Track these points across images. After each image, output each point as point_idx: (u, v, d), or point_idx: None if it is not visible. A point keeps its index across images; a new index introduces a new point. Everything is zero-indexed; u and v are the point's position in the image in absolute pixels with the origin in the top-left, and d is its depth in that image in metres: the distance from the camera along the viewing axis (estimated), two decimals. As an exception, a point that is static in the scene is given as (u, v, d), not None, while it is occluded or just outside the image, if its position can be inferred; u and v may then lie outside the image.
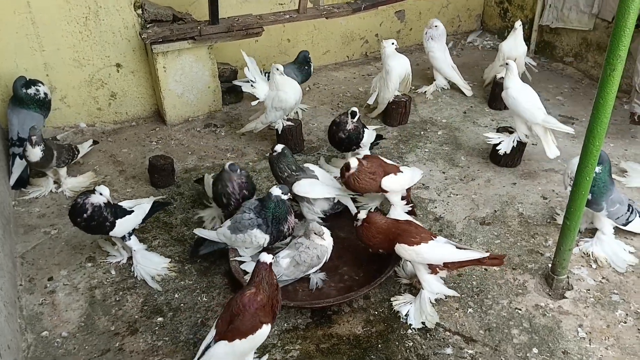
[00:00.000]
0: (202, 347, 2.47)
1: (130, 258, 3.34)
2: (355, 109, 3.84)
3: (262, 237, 3.11)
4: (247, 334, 2.39)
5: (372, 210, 3.55)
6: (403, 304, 3.00)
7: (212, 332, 2.47)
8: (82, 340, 2.88)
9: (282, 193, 3.10)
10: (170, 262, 3.33)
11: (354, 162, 3.25)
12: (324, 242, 3.06)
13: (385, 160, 3.46)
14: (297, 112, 4.86)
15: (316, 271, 3.10)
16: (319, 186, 3.44)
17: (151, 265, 3.28)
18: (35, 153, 3.64)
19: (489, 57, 5.70)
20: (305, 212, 3.49)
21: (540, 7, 5.84)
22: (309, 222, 3.27)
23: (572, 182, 3.27)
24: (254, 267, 2.55)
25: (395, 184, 3.35)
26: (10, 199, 3.84)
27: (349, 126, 3.83)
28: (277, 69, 4.13)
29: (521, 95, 4.02)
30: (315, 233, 3.03)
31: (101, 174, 4.17)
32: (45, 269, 3.33)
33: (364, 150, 4.03)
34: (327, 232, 3.10)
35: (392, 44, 4.66)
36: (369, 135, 4.00)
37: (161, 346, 2.84)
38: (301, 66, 4.76)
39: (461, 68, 5.36)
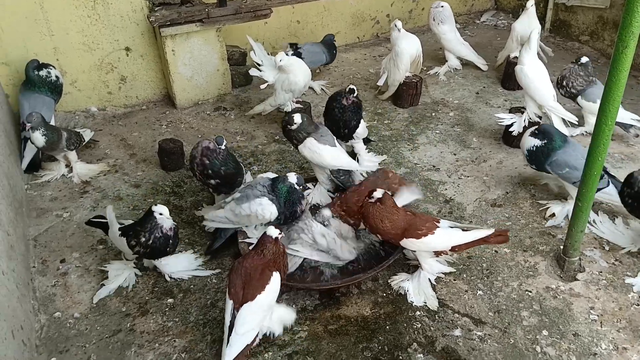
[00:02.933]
0: (227, 322, 2.51)
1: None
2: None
3: (268, 207, 3.02)
4: (265, 285, 2.52)
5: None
6: (401, 281, 3.01)
7: (230, 305, 2.52)
8: (94, 321, 2.91)
9: (297, 183, 3.07)
10: (196, 255, 3.28)
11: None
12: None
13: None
14: (321, 89, 5.00)
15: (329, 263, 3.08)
16: (327, 152, 3.39)
17: (182, 268, 3.19)
18: (37, 138, 3.65)
19: (503, 37, 5.60)
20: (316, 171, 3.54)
21: (556, -16, 5.72)
22: (321, 209, 3.27)
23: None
24: (259, 238, 2.64)
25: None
26: (23, 182, 3.89)
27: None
28: (287, 53, 4.16)
29: (535, 75, 3.98)
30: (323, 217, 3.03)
31: (112, 157, 4.20)
32: (58, 251, 3.37)
33: (359, 142, 3.95)
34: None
35: (395, 26, 4.61)
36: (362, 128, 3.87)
37: (171, 327, 2.87)
38: (330, 47, 4.97)
39: (474, 48, 5.27)
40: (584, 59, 4.02)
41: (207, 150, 3.25)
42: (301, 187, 3.15)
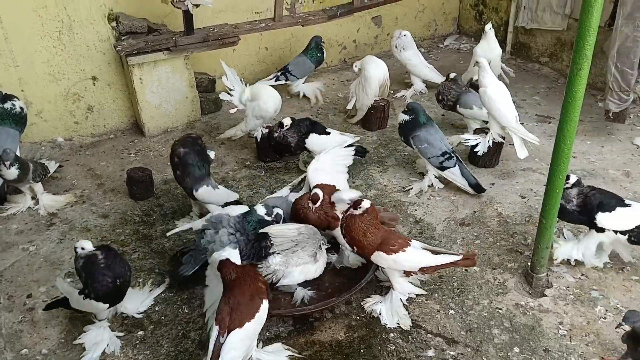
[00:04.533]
0: (211, 347, 2.45)
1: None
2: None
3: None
4: (254, 314, 2.53)
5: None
6: (374, 304, 3.02)
7: (215, 330, 2.48)
8: (63, 357, 2.84)
9: (266, 213, 3.07)
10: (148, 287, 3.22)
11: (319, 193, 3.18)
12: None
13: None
14: (315, 98, 5.22)
15: (304, 285, 3.08)
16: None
17: (142, 298, 3.13)
18: (11, 173, 3.60)
19: (466, 60, 5.75)
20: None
21: (515, 9, 5.92)
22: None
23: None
24: (219, 271, 2.64)
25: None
26: (-13, 216, 3.80)
27: (276, 134, 4.02)
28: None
29: (497, 96, 4.08)
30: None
31: (79, 187, 4.14)
32: (24, 286, 3.29)
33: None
34: (323, 252, 3.13)
35: (355, 66, 4.84)
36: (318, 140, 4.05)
37: (142, 360, 2.82)
38: (313, 52, 5.14)
39: (439, 71, 5.39)
40: (452, 75, 4.48)
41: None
42: (272, 217, 3.14)
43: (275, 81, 5.05)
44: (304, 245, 3.07)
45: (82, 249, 2.78)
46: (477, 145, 4.18)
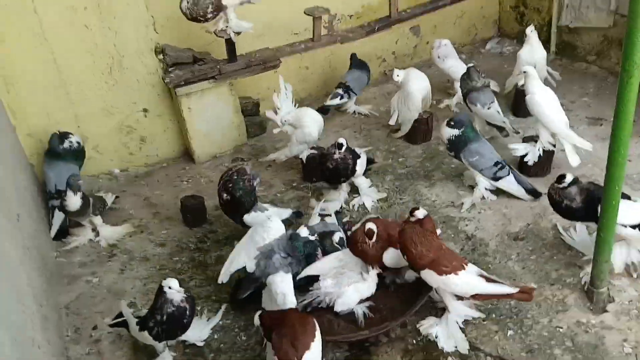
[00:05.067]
0: None
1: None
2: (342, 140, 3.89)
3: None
4: (313, 333, 2.58)
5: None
6: (429, 326, 2.99)
7: None
8: (129, 388, 2.96)
9: (310, 234, 3.14)
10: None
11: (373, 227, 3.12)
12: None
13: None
14: (369, 112, 5.32)
15: (361, 302, 3.10)
16: None
17: (203, 327, 3.21)
18: (76, 201, 3.78)
19: (510, 64, 5.63)
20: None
21: (557, 8, 5.76)
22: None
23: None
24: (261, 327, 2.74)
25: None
26: (52, 250, 3.99)
27: (336, 156, 3.87)
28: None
29: (545, 102, 4.01)
30: None
31: (137, 217, 4.29)
32: (89, 318, 3.43)
33: (359, 177, 4.10)
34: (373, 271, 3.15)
35: (397, 75, 4.75)
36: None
37: (205, 389, 2.90)
38: (363, 66, 5.21)
39: (482, 77, 5.31)
40: (470, 64, 4.55)
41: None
42: (315, 236, 3.22)
43: (340, 100, 5.12)
44: (350, 266, 3.11)
45: (170, 287, 2.80)
46: (526, 154, 4.10)
